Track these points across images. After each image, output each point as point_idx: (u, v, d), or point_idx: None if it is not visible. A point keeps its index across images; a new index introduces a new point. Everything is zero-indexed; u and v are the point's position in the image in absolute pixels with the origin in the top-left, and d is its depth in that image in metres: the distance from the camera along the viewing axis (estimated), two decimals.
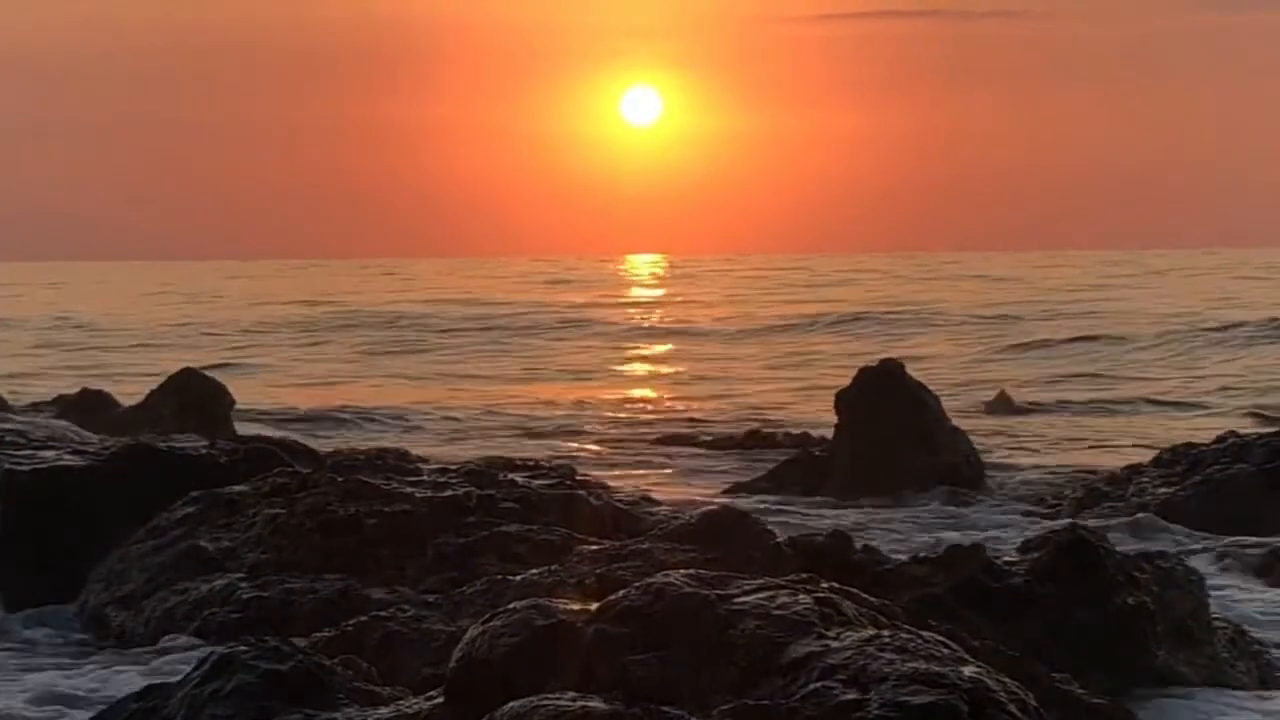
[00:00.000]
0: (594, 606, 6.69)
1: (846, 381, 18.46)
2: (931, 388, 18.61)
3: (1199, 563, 12.16)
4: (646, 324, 55.81)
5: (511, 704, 6.16)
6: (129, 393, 24.42)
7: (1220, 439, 16.48)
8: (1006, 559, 9.51)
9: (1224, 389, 30.66)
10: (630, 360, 42.32)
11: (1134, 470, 16.71)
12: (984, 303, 59.30)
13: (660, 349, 45.57)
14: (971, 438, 18.97)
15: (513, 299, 68.64)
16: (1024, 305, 57.33)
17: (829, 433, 18.98)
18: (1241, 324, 42.26)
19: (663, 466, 21.02)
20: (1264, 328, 40.92)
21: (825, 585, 6.81)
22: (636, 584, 6.75)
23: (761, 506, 16.24)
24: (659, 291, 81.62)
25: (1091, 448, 22.51)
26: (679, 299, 71.94)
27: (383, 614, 9.19)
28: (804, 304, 61.30)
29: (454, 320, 55.83)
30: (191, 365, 23.56)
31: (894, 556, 9.67)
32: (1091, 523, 14.95)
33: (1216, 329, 42.07)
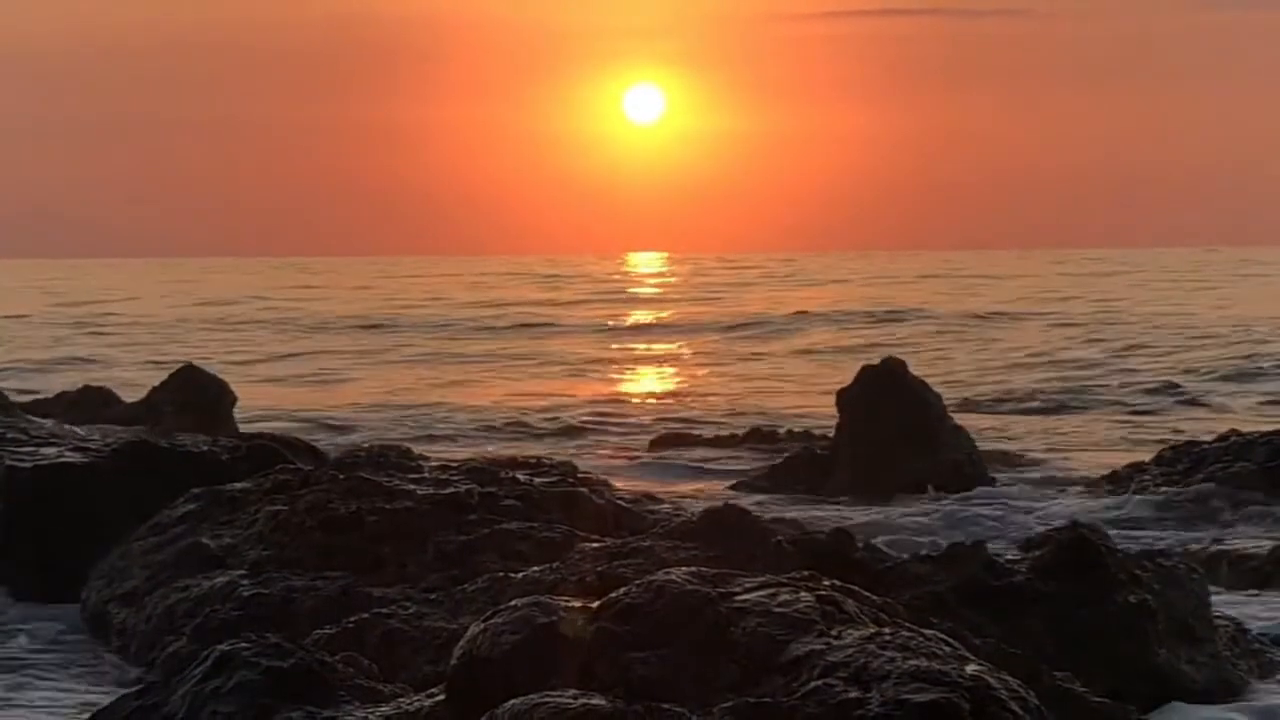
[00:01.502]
0: (595, 604, 6.69)
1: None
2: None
3: (1200, 561, 12.16)
4: (646, 321, 55.80)
5: (512, 702, 6.15)
6: (131, 387, 24.42)
7: (1222, 437, 16.49)
8: (1008, 557, 9.51)
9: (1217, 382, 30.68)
10: (630, 357, 42.31)
11: (1136, 468, 16.71)
12: (973, 299, 59.31)
13: (659, 346, 45.55)
14: (972, 436, 18.96)
15: (511, 297, 68.62)
16: (1015, 302, 57.31)
17: (830, 430, 18.98)
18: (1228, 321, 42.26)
19: (664, 463, 21.00)
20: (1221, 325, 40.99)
21: (827, 583, 6.81)
22: (637, 581, 6.75)
23: (763, 504, 16.24)
24: (658, 289, 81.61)
25: (1093, 445, 22.50)
26: (678, 296, 71.93)
27: (384, 611, 9.19)
28: (800, 300, 61.28)
29: (448, 318, 55.70)
30: (194, 362, 23.56)
31: (895, 554, 9.67)
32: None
33: (1200, 325, 42.09)
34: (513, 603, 6.79)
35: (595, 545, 9.84)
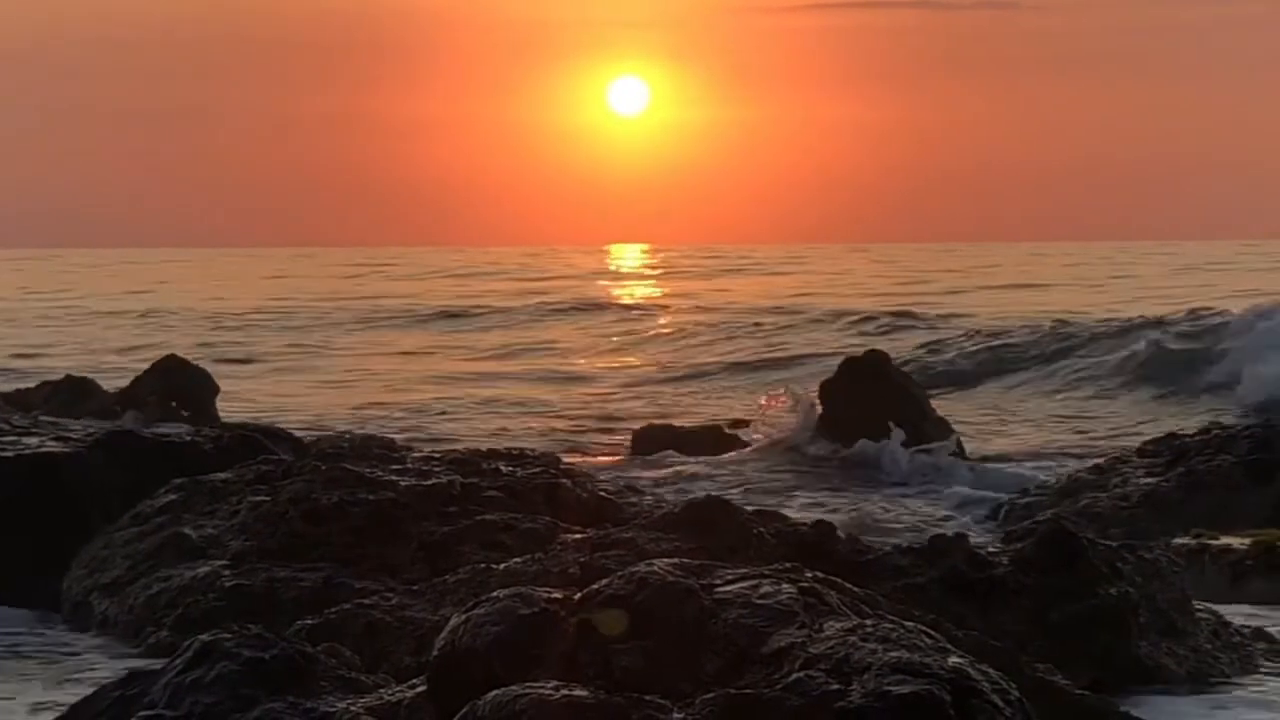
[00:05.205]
0: (577, 595, 6.69)
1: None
2: None
3: (1181, 554, 12.17)
4: (624, 310, 55.70)
5: (494, 693, 6.15)
6: (114, 376, 24.39)
7: (1204, 430, 16.49)
8: (990, 549, 9.52)
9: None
10: (608, 349, 42.27)
11: (1118, 460, 16.72)
12: (948, 292, 59.39)
13: (638, 336, 45.47)
14: (956, 427, 18.99)
15: (489, 289, 68.38)
16: (1004, 296, 57.36)
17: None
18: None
19: (646, 455, 20.96)
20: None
21: (809, 575, 6.82)
22: (620, 573, 6.75)
23: (745, 496, 16.24)
24: (643, 282, 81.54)
25: (1078, 437, 22.53)
26: (662, 289, 71.86)
27: (366, 602, 9.18)
28: (797, 296, 61.24)
29: (424, 312, 55.19)
30: (177, 352, 23.53)
31: (877, 546, 9.68)
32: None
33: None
34: (495, 594, 6.79)
35: (577, 536, 9.83)
